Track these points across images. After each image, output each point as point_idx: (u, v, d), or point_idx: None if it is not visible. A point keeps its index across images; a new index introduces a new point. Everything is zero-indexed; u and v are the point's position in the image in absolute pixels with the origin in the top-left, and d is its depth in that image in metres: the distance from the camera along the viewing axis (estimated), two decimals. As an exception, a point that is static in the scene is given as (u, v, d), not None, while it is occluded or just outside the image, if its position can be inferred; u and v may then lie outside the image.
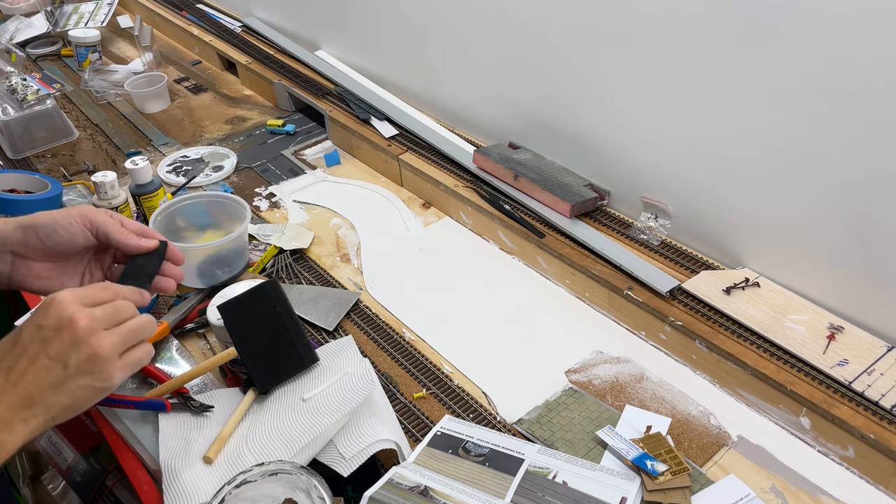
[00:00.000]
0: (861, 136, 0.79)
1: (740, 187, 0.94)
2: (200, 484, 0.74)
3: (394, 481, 0.74)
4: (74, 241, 0.74)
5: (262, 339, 0.83)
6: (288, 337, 0.83)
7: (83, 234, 0.74)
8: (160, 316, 0.99)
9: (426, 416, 0.86)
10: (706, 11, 0.87)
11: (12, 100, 1.47)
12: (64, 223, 0.73)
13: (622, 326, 0.99)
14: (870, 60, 0.75)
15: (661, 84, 0.96)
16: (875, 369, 0.81)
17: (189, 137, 1.51)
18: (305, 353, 0.83)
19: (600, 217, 1.10)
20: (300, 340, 0.83)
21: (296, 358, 0.83)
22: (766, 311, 0.90)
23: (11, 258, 0.73)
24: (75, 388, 0.61)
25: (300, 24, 1.72)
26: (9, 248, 0.73)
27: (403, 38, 1.40)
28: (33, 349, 0.61)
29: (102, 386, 0.62)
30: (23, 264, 0.74)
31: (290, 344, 0.83)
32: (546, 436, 0.82)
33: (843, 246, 0.85)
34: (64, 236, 0.73)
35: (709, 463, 0.79)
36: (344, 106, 1.45)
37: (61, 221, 0.73)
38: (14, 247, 0.73)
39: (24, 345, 0.62)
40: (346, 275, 1.11)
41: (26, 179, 1.24)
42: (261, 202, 1.29)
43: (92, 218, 0.74)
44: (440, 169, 1.25)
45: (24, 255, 0.73)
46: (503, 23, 1.15)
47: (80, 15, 1.96)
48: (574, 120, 1.12)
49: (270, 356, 0.82)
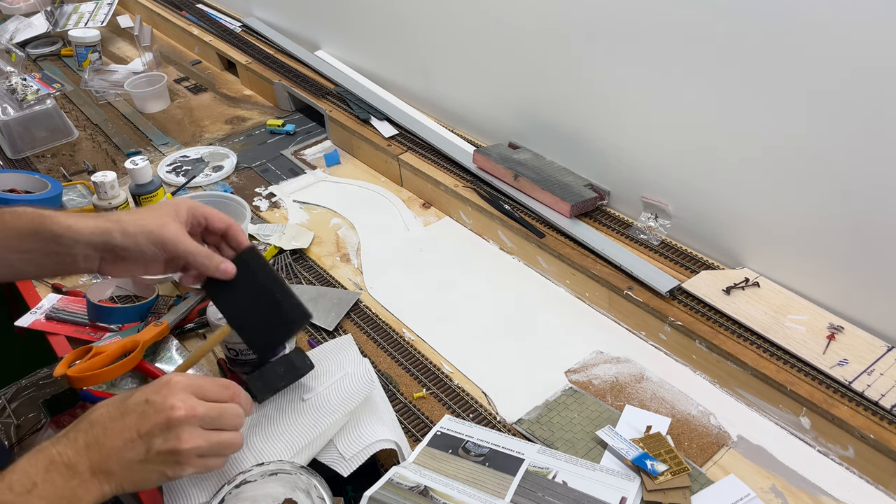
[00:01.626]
0: (860, 136, 0.79)
1: (740, 187, 0.94)
2: (200, 484, 0.74)
3: (394, 481, 0.74)
4: (151, 259, 0.78)
5: (251, 309, 0.81)
6: (275, 301, 0.81)
7: (157, 254, 0.77)
8: (160, 316, 0.99)
9: (426, 416, 0.86)
10: (706, 12, 0.87)
11: (12, 100, 1.47)
12: (147, 251, 0.77)
13: (622, 326, 0.99)
14: (869, 61, 0.75)
15: (662, 84, 0.96)
16: (875, 369, 0.81)
17: (189, 137, 1.51)
18: (295, 313, 0.82)
19: (600, 217, 1.10)
20: (288, 301, 0.82)
21: (286, 320, 0.81)
22: (766, 311, 0.90)
23: (100, 259, 0.77)
24: (149, 471, 0.65)
25: (300, 24, 1.72)
26: (98, 254, 0.76)
27: (404, 38, 1.40)
28: (131, 420, 0.65)
29: (171, 475, 0.66)
30: (111, 264, 0.78)
31: (278, 308, 0.81)
32: (546, 436, 0.82)
33: (844, 246, 0.85)
34: (147, 258, 0.77)
35: (709, 463, 0.79)
36: (344, 106, 1.45)
37: (146, 251, 0.76)
38: (102, 254, 0.76)
39: (127, 411, 0.66)
40: (346, 275, 1.11)
41: (26, 179, 1.24)
42: (261, 202, 1.29)
43: (172, 249, 0.77)
44: (440, 169, 1.25)
45: (111, 260, 0.78)
46: (503, 23, 1.15)
47: (80, 15, 1.96)
48: (574, 120, 1.12)
49: (262, 324, 0.81)
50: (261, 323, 0.81)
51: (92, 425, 0.65)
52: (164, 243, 0.77)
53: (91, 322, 1.00)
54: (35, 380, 1.32)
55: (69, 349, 0.96)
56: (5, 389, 1.27)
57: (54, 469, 0.62)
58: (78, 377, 0.84)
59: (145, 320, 1.00)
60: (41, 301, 1.05)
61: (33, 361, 1.26)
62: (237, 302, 0.82)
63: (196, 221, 0.81)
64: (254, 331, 0.81)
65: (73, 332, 0.99)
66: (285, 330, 0.82)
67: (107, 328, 0.99)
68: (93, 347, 0.89)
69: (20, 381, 1.30)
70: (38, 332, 1.01)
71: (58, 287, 1.08)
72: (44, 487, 0.61)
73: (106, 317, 0.99)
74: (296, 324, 0.82)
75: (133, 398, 0.67)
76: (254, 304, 0.82)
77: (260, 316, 0.81)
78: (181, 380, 0.68)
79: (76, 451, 0.64)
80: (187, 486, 0.74)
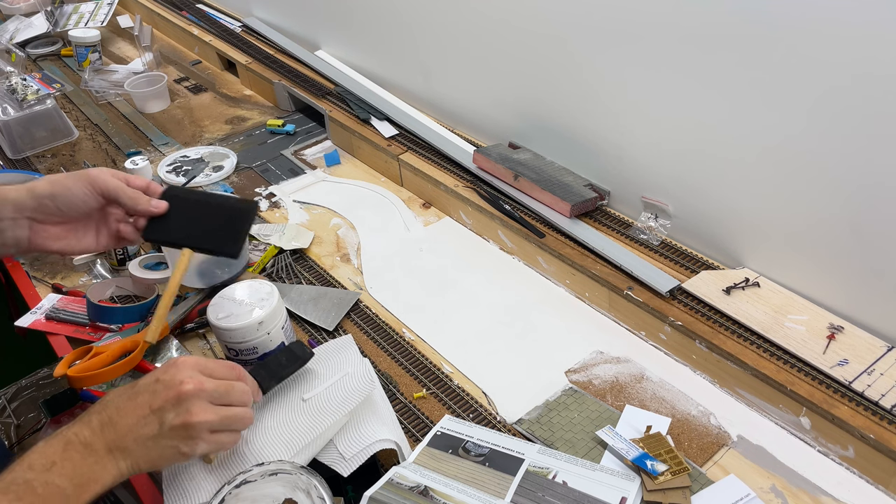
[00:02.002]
0: (860, 136, 0.79)
1: (740, 187, 0.94)
2: (200, 484, 0.74)
3: (394, 481, 0.74)
4: (88, 205, 0.81)
5: (198, 223, 0.85)
6: (217, 205, 0.86)
7: (95, 199, 0.81)
8: (160, 316, 0.99)
9: (426, 416, 0.86)
10: (707, 13, 0.87)
11: (12, 100, 1.47)
12: (76, 191, 0.80)
13: (622, 326, 0.99)
14: (869, 61, 0.75)
15: (662, 85, 0.96)
16: (875, 369, 0.81)
17: (189, 137, 1.51)
18: (240, 204, 0.87)
19: (600, 217, 1.10)
20: (228, 201, 0.87)
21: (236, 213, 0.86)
22: (766, 311, 0.90)
23: (29, 223, 0.80)
24: (164, 447, 0.67)
25: (300, 24, 1.72)
26: (26, 215, 0.79)
27: (403, 38, 1.40)
28: (143, 399, 0.67)
29: (186, 451, 0.68)
30: (41, 228, 0.81)
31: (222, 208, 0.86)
32: (546, 436, 0.82)
33: (844, 246, 0.85)
34: (77, 203, 0.80)
35: (709, 463, 0.79)
36: (344, 106, 1.45)
37: (74, 189, 0.80)
38: (31, 213, 0.79)
39: (138, 391, 0.68)
40: (346, 275, 1.11)
41: (26, 179, 1.24)
42: (261, 202, 1.29)
43: (101, 185, 0.81)
44: (440, 169, 1.25)
45: (40, 220, 0.80)
46: (503, 23, 1.15)
47: (80, 15, 1.96)
48: (574, 120, 1.12)
49: (217, 228, 0.85)
50: (214, 228, 0.85)
51: (105, 406, 0.67)
52: (94, 180, 0.80)
53: (91, 322, 1.00)
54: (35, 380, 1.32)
55: (69, 349, 0.96)
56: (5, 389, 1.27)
57: (72, 448, 0.64)
58: (78, 377, 0.84)
59: (145, 320, 1.00)
60: (41, 301, 1.05)
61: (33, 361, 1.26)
62: (182, 226, 0.85)
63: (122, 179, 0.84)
64: (212, 238, 0.85)
65: (73, 332, 0.99)
66: (240, 219, 0.85)
67: (107, 328, 0.99)
68: (93, 347, 0.89)
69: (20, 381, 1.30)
70: (38, 332, 1.01)
71: (58, 287, 1.08)
72: (62, 466, 0.63)
73: (106, 317, 1.00)
74: (246, 211, 0.86)
75: (143, 380, 0.69)
76: (199, 218, 0.85)
77: (210, 223, 0.85)
78: (188, 359, 0.70)
79: (91, 431, 0.65)
80: (187, 485, 0.74)
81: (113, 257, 1.11)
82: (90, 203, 0.81)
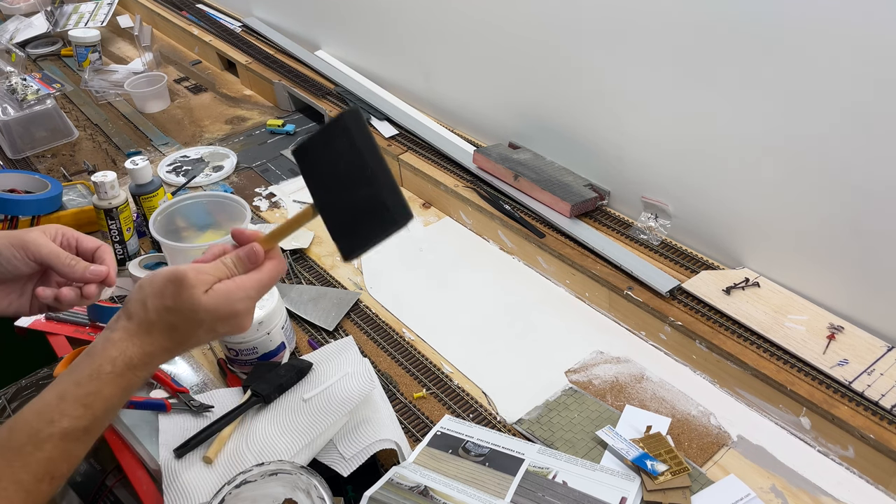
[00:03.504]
0: (860, 137, 0.79)
1: (740, 187, 0.94)
2: (200, 484, 0.74)
3: (394, 481, 0.74)
4: (18, 270, 0.74)
5: (345, 192, 0.66)
6: (375, 187, 0.64)
7: (26, 264, 0.74)
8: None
9: (426, 416, 0.86)
10: (707, 13, 0.87)
11: (12, 100, 1.47)
12: (6, 254, 0.73)
13: (622, 326, 0.99)
14: (870, 61, 0.75)
15: (662, 85, 0.96)
16: (875, 369, 0.81)
17: (189, 137, 1.51)
18: (396, 207, 0.64)
19: (600, 217, 1.10)
20: (389, 191, 0.64)
21: (384, 215, 0.64)
22: (766, 311, 0.90)
23: None
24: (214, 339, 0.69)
25: (300, 24, 1.72)
26: None
27: (403, 39, 1.40)
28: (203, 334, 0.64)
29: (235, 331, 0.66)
30: None
31: (375, 197, 0.64)
32: (546, 436, 0.82)
33: (844, 246, 0.85)
34: (8, 269, 0.74)
35: (709, 463, 0.79)
36: (344, 106, 1.45)
37: (3, 253, 0.73)
38: None
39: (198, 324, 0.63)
40: (346, 275, 1.11)
41: (26, 179, 1.24)
42: (261, 202, 1.29)
43: (34, 252, 0.74)
44: (440, 169, 1.25)
45: None
46: (503, 23, 1.15)
47: (80, 15, 1.96)
48: (574, 120, 1.12)
49: (354, 213, 0.65)
50: (352, 212, 0.65)
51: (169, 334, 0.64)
52: (26, 245, 0.73)
53: (91, 322, 1.00)
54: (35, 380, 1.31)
55: (69, 349, 0.96)
56: (5, 389, 1.27)
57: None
58: (78, 377, 0.84)
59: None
60: (41, 301, 1.05)
61: (33, 361, 1.26)
62: (329, 180, 0.67)
63: (66, 242, 0.77)
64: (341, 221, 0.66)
65: (73, 332, 0.99)
66: (381, 228, 0.64)
67: (107, 328, 0.99)
68: (93, 347, 0.89)
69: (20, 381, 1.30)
70: (38, 332, 1.01)
71: (58, 287, 1.08)
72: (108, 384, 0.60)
73: (106, 317, 1.00)
74: (394, 223, 0.64)
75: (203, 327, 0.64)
76: (349, 189, 0.66)
77: (354, 206, 0.65)
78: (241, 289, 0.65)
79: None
80: (187, 485, 0.74)
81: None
82: (21, 268, 0.74)
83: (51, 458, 0.58)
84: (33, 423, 0.58)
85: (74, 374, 0.60)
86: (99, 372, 0.60)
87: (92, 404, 0.59)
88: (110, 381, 0.60)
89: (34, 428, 0.58)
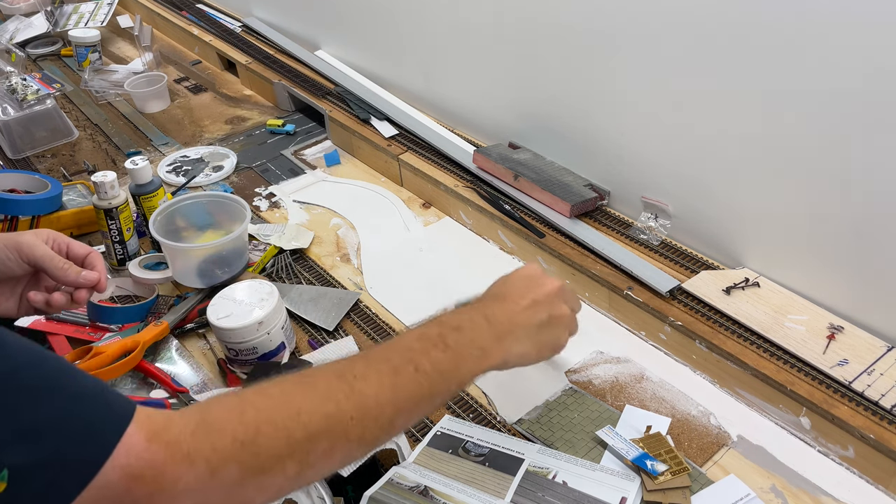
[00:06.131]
0: (860, 137, 0.79)
1: (741, 187, 0.94)
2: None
3: (394, 481, 0.74)
4: (11, 271, 0.75)
5: None
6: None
7: (19, 266, 0.75)
8: (160, 316, 0.99)
9: (426, 416, 0.86)
10: (707, 12, 0.87)
11: (12, 100, 1.47)
12: (1, 258, 0.75)
13: (622, 326, 0.99)
14: (870, 61, 0.75)
15: (662, 84, 0.96)
16: (875, 369, 0.81)
17: (189, 137, 1.51)
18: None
19: (600, 217, 1.10)
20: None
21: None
22: (766, 311, 0.90)
23: None
24: (546, 336, 0.73)
25: (300, 24, 1.72)
26: None
27: (404, 39, 1.40)
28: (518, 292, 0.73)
29: (563, 343, 0.75)
30: None
31: None
32: (546, 436, 0.82)
33: (844, 246, 0.85)
34: (1, 270, 0.75)
35: (709, 463, 0.79)
36: (344, 106, 1.45)
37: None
38: None
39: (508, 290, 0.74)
40: (346, 275, 1.11)
41: (26, 179, 1.24)
42: (261, 202, 1.29)
43: (28, 253, 0.75)
44: (440, 169, 1.25)
45: None
46: (503, 23, 1.15)
47: (80, 15, 1.96)
48: (574, 120, 1.12)
49: None
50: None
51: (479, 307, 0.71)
52: (20, 246, 0.75)
53: (91, 322, 1.00)
54: (35, 380, 1.31)
55: (69, 349, 0.96)
56: (5, 389, 1.27)
57: (475, 321, 0.68)
58: (78, 377, 0.84)
59: (145, 320, 1.00)
60: (41, 301, 1.05)
61: (33, 361, 1.26)
62: None
63: (57, 247, 0.78)
64: None
65: (73, 332, 0.99)
66: None
67: (107, 328, 0.99)
68: (93, 347, 0.89)
69: (20, 381, 1.30)
70: (39, 332, 1.01)
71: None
72: (469, 331, 0.67)
73: (106, 317, 1.00)
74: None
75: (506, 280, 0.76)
76: None
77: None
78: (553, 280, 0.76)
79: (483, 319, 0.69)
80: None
81: (113, 257, 1.11)
82: (14, 269, 0.76)
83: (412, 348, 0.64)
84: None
85: None
86: None
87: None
88: None
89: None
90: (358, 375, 0.59)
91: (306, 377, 0.59)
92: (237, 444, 0.51)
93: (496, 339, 0.68)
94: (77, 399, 0.47)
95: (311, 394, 0.56)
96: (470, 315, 0.69)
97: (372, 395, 0.58)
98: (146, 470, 0.47)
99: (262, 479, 0.52)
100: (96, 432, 0.46)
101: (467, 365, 0.66)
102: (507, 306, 0.71)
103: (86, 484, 0.44)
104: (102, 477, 0.45)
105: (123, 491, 0.46)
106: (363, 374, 0.59)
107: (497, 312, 0.70)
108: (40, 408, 0.44)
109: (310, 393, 0.56)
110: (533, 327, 0.71)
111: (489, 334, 0.68)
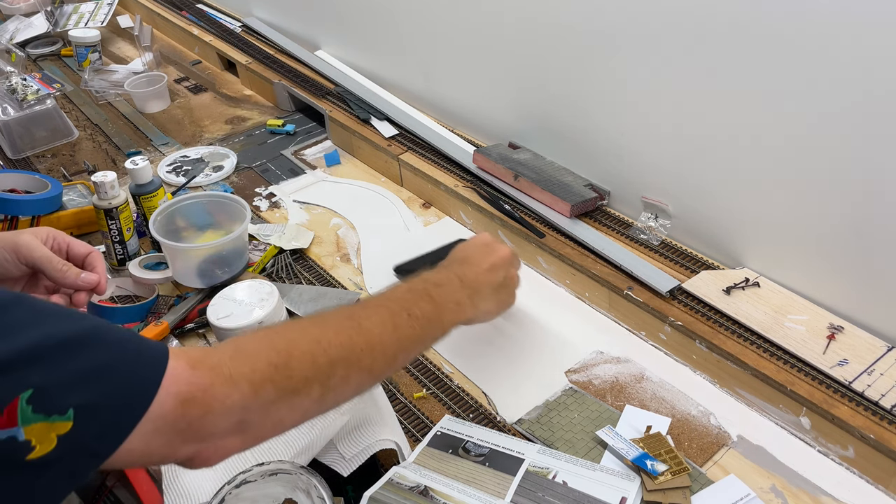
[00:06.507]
0: (860, 136, 0.79)
1: (741, 187, 0.94)
2: (200, 484, 0.74)
3: (394, 481, 0.74)
4: (10, 274, 0.75)
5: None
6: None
7: (17, 267, 0.75)
8: (160, 316, 0.99)
9: (426, 416, 0.86)
10: (707, 12, 0.87)
11: (12, 100, 1.47)
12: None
13: (622, 326, 0.99)
14: (870, 60, 0.75)
15: (662, 84, 0.96)
16: (875, 369, 0.81)
17: (189, 137, 1.51)
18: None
19: (600, 217, 1.10)
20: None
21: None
22: (766, 311, 0.90)
23: None
24: (502, 296, 0.84)
25: (300, 24, 1.72)
26: None
27: (404, 38, 1.40)
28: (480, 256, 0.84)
29: (511, 303, 0.87)
30: None
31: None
32: (546, 436, 0.82)
33: (844, 246, 0.85)
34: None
35: (709, 463, 0.79)
36: (344, 106, 1.45)
37: None
38: None
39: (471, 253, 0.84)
40: (346, 275, 1.11)
41: (26, 179, 1.24)
42: (261, 202, 1.29)
43: (26, 255, 0.75)
44: (440, 169, 1.25)
45: None
46: (504, 23, 1.15)
47: (80, 15, 1.96)
48: (574, 120, 1.12)
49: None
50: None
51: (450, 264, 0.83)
52: (18, 247, 0.74)
53: (91, 322, 1.00)
54: (35, 380, 1.31)
55: (69, 349, 0.96)
56: (5, 389, 1.27)
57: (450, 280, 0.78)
58: (78, 377, 0.84)
59: (145, 320, 1.00)
60: (41, 301, 1.05)
61: (33, 361, 1.26)
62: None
63: (57, 246, 0.78)
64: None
65: (73, 332, 0.99)
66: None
67: (107, 328, 0.99)
68: (93, 347, 0.89)
69: (20, 381, 1.30)
70: (38, 332, 1.00)
71: (58, 287, 1.08)
72: (446, 288, 0.76)
73: (106, 317, 1.00)
74: None
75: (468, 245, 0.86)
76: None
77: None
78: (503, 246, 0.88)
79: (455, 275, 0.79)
80: (187, 485, 0.74)
81: (113, 257, 1.11)
82: (11, 271, 0.75)
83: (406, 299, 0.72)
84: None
85: None
86: None
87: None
88: None
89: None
90: (363, 317, 0.67)
91: (318, 318, 0.68)
92: (272, 367, 0.57)
93: (468, 296, 0.78)
94: (120, 344, 0.50)
95: (326, 329, 0.63)
96: (446, 274, 0.79)
97: (377, 332, 0.66)
98: (196, 392, 0.51)
99: (293, 400, 0.58)
100: (144, 367, 0.50)
101: (447, 316, 0.75)
102: (472, 268, 0.81)
103: (142, 415, 0.48)
104: (157, 406, 0.49)
105: (179, 416, 0.50)
106: (367, 316, 0.67)
107: (466, 273, 0.79)
108: (93, 353, 0.48)
109: (326, 328, 0.63)
110: (493, 287, 0.82)
111: (462, 292, 0.77)
